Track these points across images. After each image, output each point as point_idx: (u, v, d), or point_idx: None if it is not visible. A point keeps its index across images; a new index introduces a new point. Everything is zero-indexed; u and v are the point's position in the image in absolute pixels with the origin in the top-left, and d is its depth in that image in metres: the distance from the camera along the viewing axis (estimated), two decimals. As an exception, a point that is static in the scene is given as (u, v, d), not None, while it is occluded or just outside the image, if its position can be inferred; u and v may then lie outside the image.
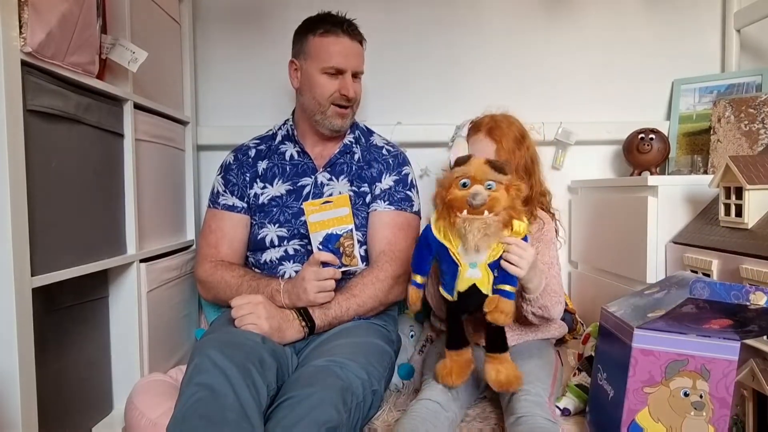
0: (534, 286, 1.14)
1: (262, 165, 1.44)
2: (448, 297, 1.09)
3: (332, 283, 1.23)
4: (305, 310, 1.22)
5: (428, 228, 1.11)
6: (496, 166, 1.06)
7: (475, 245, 1.03)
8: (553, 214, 1.39)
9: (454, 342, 1.12)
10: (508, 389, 1.07)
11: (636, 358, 0.95)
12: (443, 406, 1.10)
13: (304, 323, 1.20)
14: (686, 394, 0.95)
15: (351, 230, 1.28)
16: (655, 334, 0.95)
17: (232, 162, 1.46)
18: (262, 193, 1.42)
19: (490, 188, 1.04)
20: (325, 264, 1.24)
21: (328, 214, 1.27)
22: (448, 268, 1.08)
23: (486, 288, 1.06)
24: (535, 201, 1.34)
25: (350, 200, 1.30)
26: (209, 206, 1.47)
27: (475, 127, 1.36)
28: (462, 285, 1.07)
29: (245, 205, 1.43)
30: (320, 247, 1.27)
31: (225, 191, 1.44)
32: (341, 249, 1.27)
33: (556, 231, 1.38)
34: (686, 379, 0.95)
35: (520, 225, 1.07)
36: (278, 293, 1.24)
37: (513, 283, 1.06)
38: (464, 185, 1.05)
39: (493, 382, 1.06)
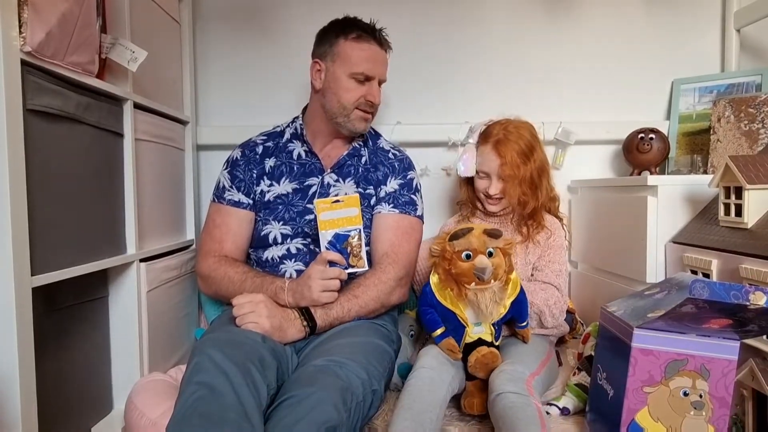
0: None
1: (269, 162, 1.44)
2: (456, 352, 1.22)
3: (337, 283, 1.23)
4: (307, 309, 1.22)
5: (431, 293, 1.23)
6: (492, 234, 1.18)
7: (489, 312, 1.16)
8: (561, 219, 1.43)
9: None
10: (485, 370, 1.17)
11: (636, 357, 0.95)
12: (438, 372, 1.15)
13: (305, 323, 1.20)
14: (686, 394, 0.95)
15: (359, 231, 1.27)
16: (654, 334, 0.95)
17: (239, 157, 1.45)
18: (268, 191, 1.41)
19: (490, 255, 1.16)
20: (332, 263, 1.24)
21: (338, 213, 1.27)
22: (454, 326, 1.22)
23: (489, 339, 1.21)
24: (543, 208, 1.41)
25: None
26: (213, 200, 1.45)
27: (485, 136, 1.42)
28: (468, 339, 1.21)
29: (251, 201, 1.42)
30: (328, 246, 1.27)
31: (231, 186, 1.43)
32: (349, 249, 1.27)
33: (566, 235, 1.45)
34: (686, 379, 0.95)
35: (515, 283, 1.22)
36: (282, 291, 1.23)
37: (524, 321, 1.27)
38: (467, 257, 1.15)
39: (471, 362, 1.18)
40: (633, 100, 1.85)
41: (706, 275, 1.17)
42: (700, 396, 0.95)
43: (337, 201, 1.26)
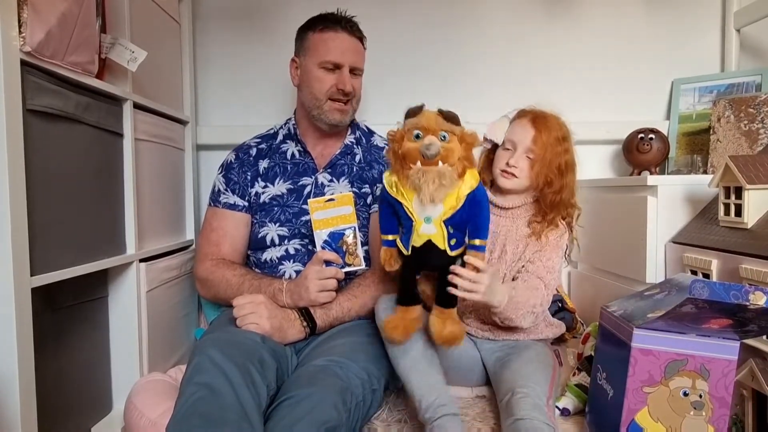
0: (497, 301, 1.10)
1: (263, 164, 1.44)
2: (404, 251, 1.09)
3: (334, 283, 1.23)
4: (306, 310, 1.22)
5: (383, 184, 1.10)
6: (448, 116, 1.04)
7: (430, 196, 1.01)
8: (572, 229, 1.30)
9: (404, 298, 1.11)
10: (450, 345, 1.08)
11: (635, 357, 0.95)
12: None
13: (305, 323, 1.20)
14: (686, 394, 0.95)
15: (354, 229, 1.27)
16: (654, 334, 0.95)
17: (233, 161, 1.46)
18: (263, 192, 1.42)
19: (444, 140, 1.02)
20: (328, 263, 1.24)
21: (332, 212, 1.26)
22: (405, 223, 1.08)
23: (442, 243, 1.05)
24: (561, 208, 1.27)
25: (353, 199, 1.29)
26: (210, 204, 1.46)
27: (522, 113, 1.32)
28: (417, 240, 1.06)
29: (246, 203, 1.42)
30: (324, 245, 1.27)
31: (226, 190, 1.43)
32: (344, 248, 1.26)
33: (568, 247, 1.31)
34: (686, 379, 0.95)
35: (473, 175, 1.06)
36: (280, 292, 1.24)
37: (479, 236, 1.07)
38: (417, 137, 1.03)
39: (437, 335, 1.07)
40: (633, 100, 1.85)
41: (706, 275, 1.17)
42: (700, 396, 0.95)
43: (331, 200, 1.26)
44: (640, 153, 1.64)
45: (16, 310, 0.90)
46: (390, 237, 1.12)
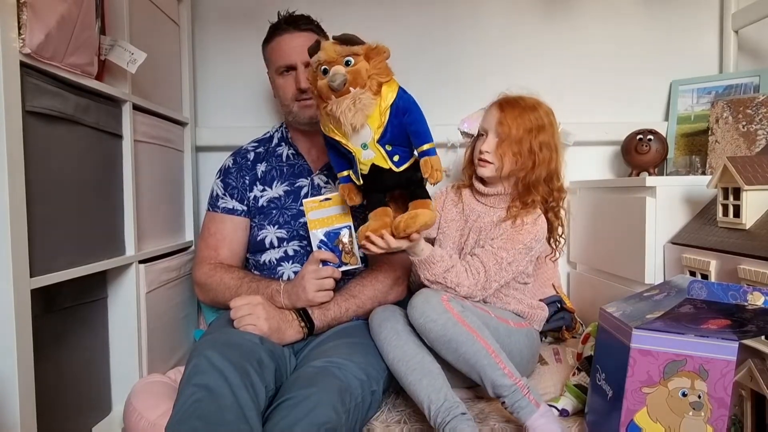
0: (414, 255, 1.17)
1: (261, 168, 1.45)
2: (357, 182, 1.13)
3: (331, 282, 1.23)
4: (304, 310, 1.22)
5: (323, 134, 1.12)
6: (345, 39, 1.04)
7: (351, 125, 1.02)
8: (558, 215, 1.31)
9: (372, 207, 1.15)
10: (420, 221, 1.08)
11: (634, 358, 0.96)
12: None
13: (303, 324, 1.20)
14: (684, 394, 0.95)
15: (350, 228, 1.27)
16: (653, 335, 0.95)
17: (231, 165, 1.46)
18: (261, 196, 1.42)
19: (349, 65, 1.02)
20: (324, 262, 1.24)
21: (328, 211, 1.26)
22: (349, 157, 1.10)
23: (385, 163, 1.07)
24: (537, 188, 1.26)
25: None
26: (208, 209, 1.47)
27: (494, 101, 1.35)
28: (363, 168, 1.09)
29: (245, 208, 1.43)
30: (320, 245, 1.27)
31: (224, 194, 1.44)
32: (341, 247, 1.27)
33: (554, 236, 1.34)
34: (684, 379, 0.96)
35: (391, 87, 1.06)
36: (278, 294, 1.24)
37: (423, 141, 1.07)
38: (325, 72, 1.03)
39: (407, 215, 1.09)
40: (631, 101, 1.86)
41: (705, 276, 1.18)
42: (699, 396, 0.95)
43: (327, 199, 1.27)
44: (639, 154, 1.64)
45: (16, 311, 0.90)
46: (345, 173, 1.15)
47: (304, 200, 1.29)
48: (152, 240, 1.44)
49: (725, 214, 1.18)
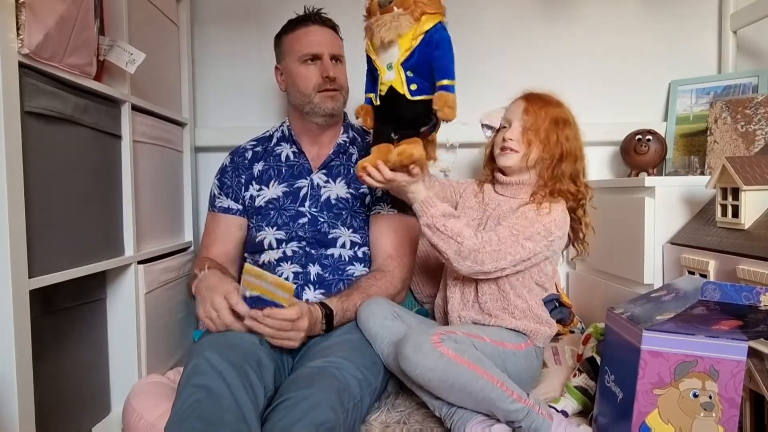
0: (412, 196, 1.18)
1: (258, 167, 1.45)
2: (375, 101, 1.18)
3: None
4: (329, 312, 1.19)
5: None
6: None
7: (381, 38, 1.09)
8: (585, 211, 1.28)
9: (377, 141, 1.19)
10: (408, 156, 1.11)
11: (645, 360, 0.95)
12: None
13: (324, 325, 1.19)
14: (696, 395, 0.95)
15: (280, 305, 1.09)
16: (663, 336, 0.95)
17: (228, 164, 1.47)
18: (258, 195, 1.42)
19: None
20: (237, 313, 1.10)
21: (269, 287, 1.08)
22: (375, 74, 1.16)
23: (401, 88, 1.12)
24: (563, 179, 1.22)
25: (294, 292, 1.11)
26: (208, 209, 1.48)
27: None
28: (382, 89, 1.14)
29: (240, 207, 1.43)
30: (246, 298, 1.09)
31: (221, 194, 1.45)
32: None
33: (577, 237, 1.29)
34: (695, 380, 0.95)
35: (432, 18, 1.11)
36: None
37: (444, 76, 1.10)
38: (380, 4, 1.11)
39: (397, 151, 1.13)
40: (630, 101, 1.86)
41: (704, 276, 1.18)
42: (710, 397, 0.95)
43: (275, 281, 1.08)
44: (638, 154, 1.64)
45: (15, 312, 0.90)
46: (370, 95, 1.20)
47: (246, 267, 1.10)
48: (151, 240, 1.44)
49: (724, 214, 1.18)
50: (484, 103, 1.83)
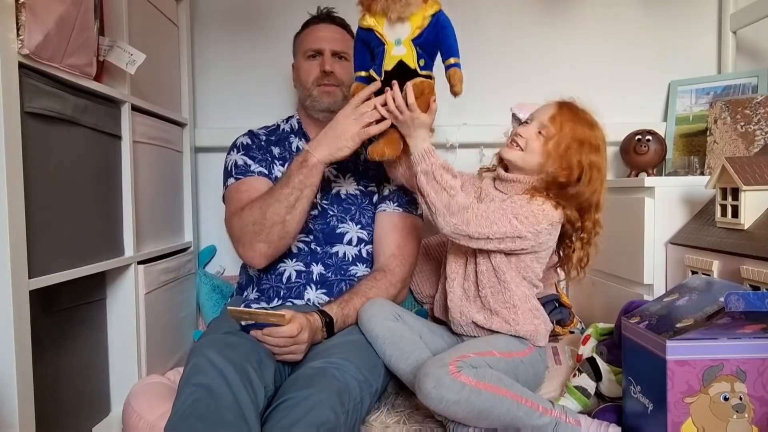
0: (416, 142, 1.16)
1: (275, 150, 1.45)
2: (376, 77, 1.17)
3: (375, 114, 1.19)
4: (330, 320, 1.19)
5: (357, 30, 1.20)
6: None
7: (398, 13, 1.10)
8: (590, 244, 1.23)
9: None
10: (379, 153, 1.17)
11: (672, 370, 0.94)
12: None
13: (325, 332, 1.19)
14: (726, 398, 0.94)
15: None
16: (687, 344, 0.94)
17: (250, 142, 1.44)
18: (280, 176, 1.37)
19: None
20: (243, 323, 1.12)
21: (260, 316, 1.07)
22: (377, 50, 1.16)
23: (412, 63, 1.14)
24: (574, 198, 1.16)
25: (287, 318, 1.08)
26: (232, 181, 1.37)
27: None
28: (389, 63, 1.14)
29: (274, 178, 1.38)
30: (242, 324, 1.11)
31: (252, 162, 1.39)
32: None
33: (565, 259, 1.25)
34: (724, 384, 0.94)
35: (435, 3, 1.14)
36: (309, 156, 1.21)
37: (452, 54, 1.15)
38: None
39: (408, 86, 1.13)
40: (630, 101, 1.86)
41: (707, 275, 1.17)
42: (740, 398, 0.94)
43: (264, 312, 1.08)
44: (638, 154, 1.64)
45: (14, 312, 0.90)
46: (363, 73, 1.21)
47: (229, 308, 1.09)
48: (151, 241, 1.44)
49: (724, 214, 1.18)
50: (484, 104, 1.84)
